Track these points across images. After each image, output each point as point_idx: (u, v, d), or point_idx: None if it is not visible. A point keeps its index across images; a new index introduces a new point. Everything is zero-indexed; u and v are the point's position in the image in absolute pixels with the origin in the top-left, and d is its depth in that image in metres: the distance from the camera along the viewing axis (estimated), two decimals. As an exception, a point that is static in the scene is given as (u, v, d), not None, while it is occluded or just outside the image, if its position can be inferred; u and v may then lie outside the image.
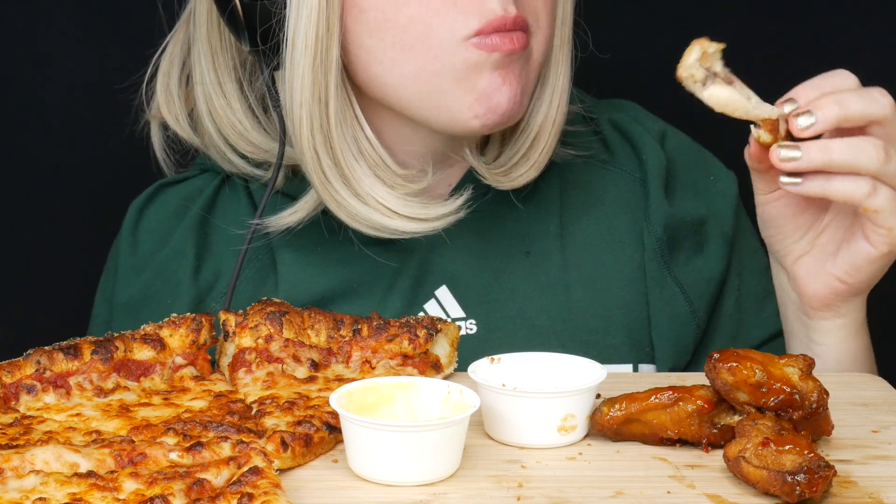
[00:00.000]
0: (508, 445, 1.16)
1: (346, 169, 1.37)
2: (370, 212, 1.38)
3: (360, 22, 1.35)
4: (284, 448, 1.12)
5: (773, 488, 1.04)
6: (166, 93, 1.50)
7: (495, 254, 1.47)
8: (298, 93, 1.34)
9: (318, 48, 1.33)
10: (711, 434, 1.15)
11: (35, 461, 1.07)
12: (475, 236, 1.47)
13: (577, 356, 1.21)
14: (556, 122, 1.44)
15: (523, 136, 1.44)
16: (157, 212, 1.52)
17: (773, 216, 1.32)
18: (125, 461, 1.08)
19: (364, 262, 1.44)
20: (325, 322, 1.28)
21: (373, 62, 1.36)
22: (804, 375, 1.13)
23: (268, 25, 1.34)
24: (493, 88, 1.35)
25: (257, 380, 1.24)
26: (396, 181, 1.40)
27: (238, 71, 1.47)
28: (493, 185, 1.45)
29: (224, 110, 1.46)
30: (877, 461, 1.13)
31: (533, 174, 1.45)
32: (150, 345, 1.24)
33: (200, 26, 1.46)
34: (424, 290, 1.45)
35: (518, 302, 1.46)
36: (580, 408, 1.16)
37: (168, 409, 1.18)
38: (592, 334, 1.45)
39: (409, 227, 1.39)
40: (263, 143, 1.46)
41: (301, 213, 1.43)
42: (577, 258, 1.48)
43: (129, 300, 1.48)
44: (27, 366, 1.20)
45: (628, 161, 1.52)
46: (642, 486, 1.08)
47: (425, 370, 1.27)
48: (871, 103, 1.22)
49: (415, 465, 1.07)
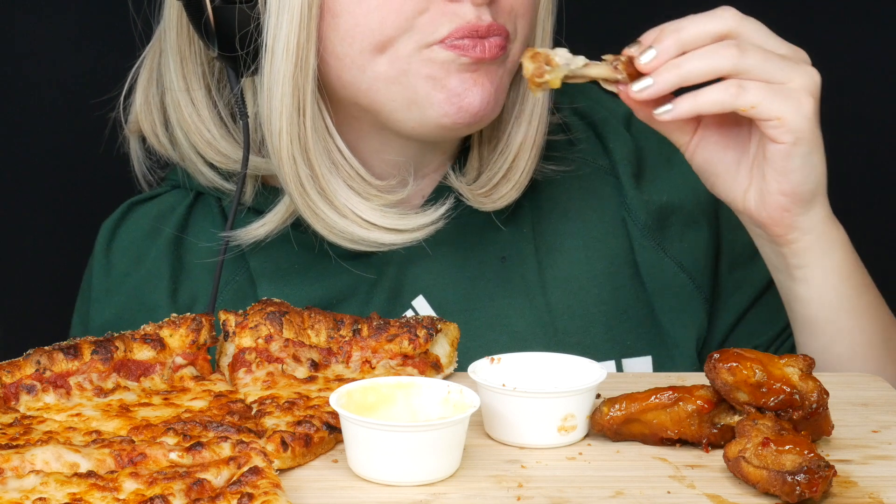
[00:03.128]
0: (508, 445, 1.16)
1: (321, 180, 1.36)
2: (348, 224, 1.37)
3: (333, 28, 1.33)
4: (284, 448, 1.12)
5: (773, 488, 1.04)
6: (145, 107, 1.48)
7: (471, 261, 1.46)
8: (278, 100, 1.33)
9: (299, 55, 1.32)
10: (711, 434, 1.15)
11: (35, 461, 1.07)
12: (450, 245, 1.45)
13: (576, 356, 1.21)
14: (536, 141, 1.43)
15: (503, 157, 1.43)
16: (129, 232, 1.50)
17: (702, 164, 1.31)
18: (125, 461, 1.08)
19: (340, 277, 1.44)
20: (325, 322, 1.28)
21: (343, 69, 1.35)
22: (804, 375, 1.13)
23: (245, 31, 1.33)
24: (463, 88, 1.34)
25: (257, 380, 1.23)
26: (371, 192, 1.39)
27: (207, 77, 1.45)
28: (475, 207, 1.44)
29: (192, 118, 1.44)
30: (877, 461, 1.13)
31: (514, 195, 1.44)
32: (150, 345, 1.24)
33: (170, 31, 1.44)
34: (401, 301, 1.44)
35: (496, 308, 1.45)
36: (580, 408, 1.16)
37: (168, 409, 1.18)
38: (572, 335, 1.45)
39: (387, 239, 1.38)
40: (231, 152, 1.44)
41: (269, 226, 1.42)
42: (550, 259, 1.47)
43: (103, 324, 1.46)
44: (27, 366, 1.20)
45: (593, 151, 1.51)
46: (642, 486, 1.08)
47: (425, 370, 1.27)
48: (711, 20, 1.22)
49: (415, 465, 1.07)
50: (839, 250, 1.33)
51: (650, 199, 1.48)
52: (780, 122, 1.23)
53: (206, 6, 1.33)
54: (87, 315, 1.50)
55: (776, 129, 1.24)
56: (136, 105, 1.49)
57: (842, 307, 1.34)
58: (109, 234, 1.51)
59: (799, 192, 1.28)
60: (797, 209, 1.29)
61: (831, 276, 1.33)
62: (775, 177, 1.27)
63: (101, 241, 1.51)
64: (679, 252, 1.48)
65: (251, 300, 1.43)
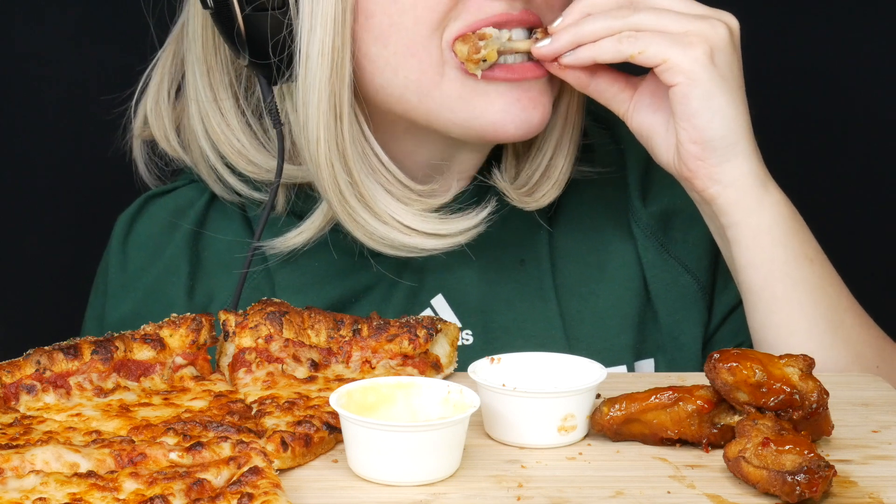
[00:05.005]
0: (508, 445, 1.16)
1: (360, 186, 1.34)
2: (388, 230, 1.35)
3: (367, 29, 1.31)
4: (284, 448, 1.12)
5: (773, 488, 1.04)
6: (156, 109, 1.46)
7: (492, 263, 1.46)
8: (314, 107, 1.30)
9: (335, 59, 1.30)
10: (711, 434, 1.15)
11: (35, 461, 1.07)
12: (471, 246, 1.43)
13: (577, 356, 1.21)
14: (574, 138, 1.43)
15: (540, 154, 1.43)
16: (146, 226, 1.48)
17: (637, 129, 1.36)
18: (125, 461, 1.08)
19: (361, 274, 1.43)
20: (325, 322, 1.28)
21: (377, 72, 1.34)
22: (804, 375, 1.13)
23: (278, 38, 1.30)
24: (520, 107, 1.34)
25: (257, 380, 1.24)
26: (411, 197, 1.37)
27: (234, 86, 1.42)
28: (519, 206, 1.43)
29: (221, 128, 1.41)
30: (877, 461, 1.13)
31: (555, 193, 1.43)
32: (150, 345, 1.24)
33: (195, 41, 1.41)
34: (420, 299, 1.44)
35: (514, 311, 1.45)
36: (580, 408, 1.16)
37: (168, 409, 1.18)
38: (586, 340, 1.44)
39: (429, 244, 1.37)
40: (263, 161, 1.42)
41: (308, 234, 1.39)
42: (564, 263, 1.47)
43: (121, 319, 1.44)
44: (27, 366, 1.20)
45: (607, 154, 1.51)
46: (642, 486, 1.08)
47: (425, 370, 1.27)
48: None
49: (415, 465, 1.07)
50: (770, 210, 1.33)
51: (654, 201, 1.48)
52: (666, 63, 1.29)
53: (237, 14, 1.30)
54: (102, 310, 1.48)
55: (666, 72, 1.30)
56: (146, 108, 1.47)
57: (775, 274, 1.34)
58: (126, 228, 1.48)
59: (707, 139, 1.30)
60: (711, 159, 1.31)
61: (761, 236, 1.33)
62: (682, 125, 1.31)
63: (117, 234, 1.49)
64: (682, 252, 1.48)
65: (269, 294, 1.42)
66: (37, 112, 1.98)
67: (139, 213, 1.49)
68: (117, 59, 1.53)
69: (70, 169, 1.97)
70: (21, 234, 1.99)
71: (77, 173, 1.97)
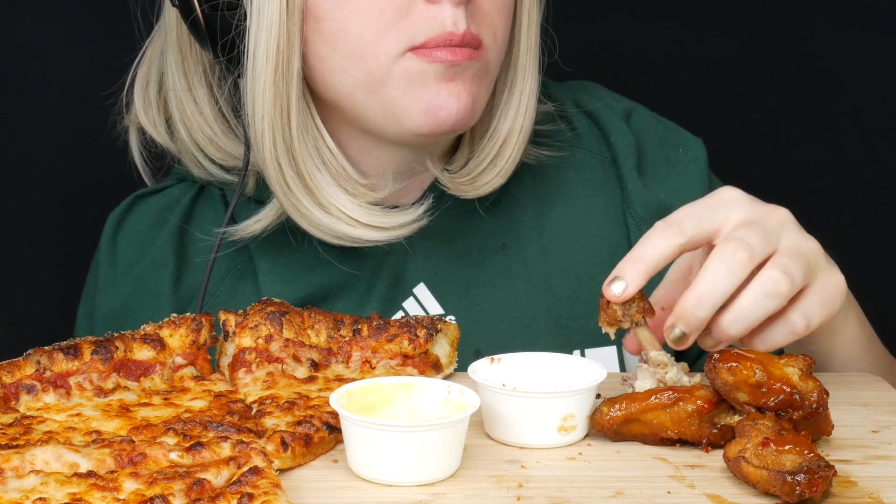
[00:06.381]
0: (508, 445, 1.16)
1: (308, 179, 1.38)
2: (333, 221, 1.39)
3: (317, 31, 1.35)
4: (284, 448, 1.12)
5: (773, 488, 1.04)
6: (144, 98, 1.50)
7: (472, 249, 1.48)
8: (260, 104, 1.35)
9: (280, 59, 1.34)
10: (711, 434, 1.15)
11: (35, 461, 1.07)
12: (451, 233, 1.47)
13: (576, 356, 1.21)
14: (524, 127, 1.44)
15: (490, 144, 1.45)
16: (135, 223, 1.52)
17: None
18: (125, 461, 1.08)
19: (344, 264, 1.45)
20: (325, 322, 1.28)
21: (328, 72, 1.37)
22: (804, 375, 1.13)
23: (228, 37, 1.35)
24: (440, 100, 1.35)
25: (257, 380, 1.24)
26: (359, 190, 1.40)
27: (208, 75, 1.46)
28: (456, 195, 1.45)
29: (194, 115, 1.46)
30: (877, 461, 1.13)
31: (499, 181, 1.45)
32: (150, 345, 1.24)
33: (171, 32, 1.46)
34: (402, 288, 1.46)
35: (497, 294, 1.46)
36: (580, 408, 1.16)
37: (168, 409, 1.18)
38: (574, 320, 1.46)
39: (371, 236, 1.40)
40: (233, 148, 1.46)
41: (265, 222, 1.43)
42: (555, 246, 1.48)
43: (110, 313, 1.48)
44: (27, 366, 1.20)
45: (596, 142, 1.53)
46: (642, 486, 1.08)
47: (425, 370, 1.27)
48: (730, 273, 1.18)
49: (415, 465, 1.07)
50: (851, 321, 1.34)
51: (649, 194, 1.49)
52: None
53: (197, 12, 1.35)
54: (92, 306, 1.52)
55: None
56: (135, 99, 1.51)
57: (861, 357, 1.36)
58: (115, 226, 1.53)
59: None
60: None
61: (851, 344, 1.35)
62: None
63: (107, 232, 1.53)
64: None
65: (252, 290, 1.45)
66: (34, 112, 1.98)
67: (128, 212, 1.54)
68: (113, 59, 1.54)
69: (70, 169, 1.97)
70: (21, 235, 1.99)
71: (77, 173, 1.97)
